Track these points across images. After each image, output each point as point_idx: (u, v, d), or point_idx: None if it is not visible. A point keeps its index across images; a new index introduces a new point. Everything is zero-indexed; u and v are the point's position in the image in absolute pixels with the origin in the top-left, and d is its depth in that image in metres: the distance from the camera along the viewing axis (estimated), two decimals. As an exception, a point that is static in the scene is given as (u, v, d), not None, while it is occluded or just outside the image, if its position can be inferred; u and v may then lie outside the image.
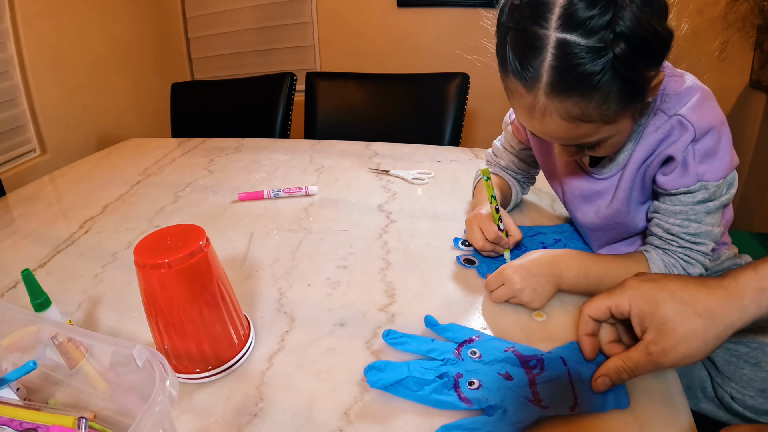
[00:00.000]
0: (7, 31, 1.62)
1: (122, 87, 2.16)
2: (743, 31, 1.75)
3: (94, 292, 0.67)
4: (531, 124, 0.53)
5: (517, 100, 0.52)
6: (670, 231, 0.57)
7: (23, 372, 0.41)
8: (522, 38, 0.48)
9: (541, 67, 0.47)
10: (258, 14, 2.38)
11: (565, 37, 0.45)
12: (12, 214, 0.97)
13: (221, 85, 1.64)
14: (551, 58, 0.46)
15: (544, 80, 0.47)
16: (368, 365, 0.49)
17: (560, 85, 0.47)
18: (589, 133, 0.51)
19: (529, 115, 0.52)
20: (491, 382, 0.47)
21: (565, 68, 0.45)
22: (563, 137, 0.53)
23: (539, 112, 0.50)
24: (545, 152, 0.72)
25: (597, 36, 0.44)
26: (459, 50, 2.06)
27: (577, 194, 0.68)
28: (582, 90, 0.46)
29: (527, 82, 0.49)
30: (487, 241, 0.66)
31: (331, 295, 0.64)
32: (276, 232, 0.81)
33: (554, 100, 0.48)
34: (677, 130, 0.54)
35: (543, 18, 0.46)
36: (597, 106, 0.47)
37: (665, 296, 0.43)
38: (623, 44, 0.44)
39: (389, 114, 1.47)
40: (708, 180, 0.53)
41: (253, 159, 1.16)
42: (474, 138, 2.30)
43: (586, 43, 0.44)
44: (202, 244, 0.47)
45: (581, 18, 0.44)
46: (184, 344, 0.48)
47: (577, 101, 0.47)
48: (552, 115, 0.49)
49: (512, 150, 0.79)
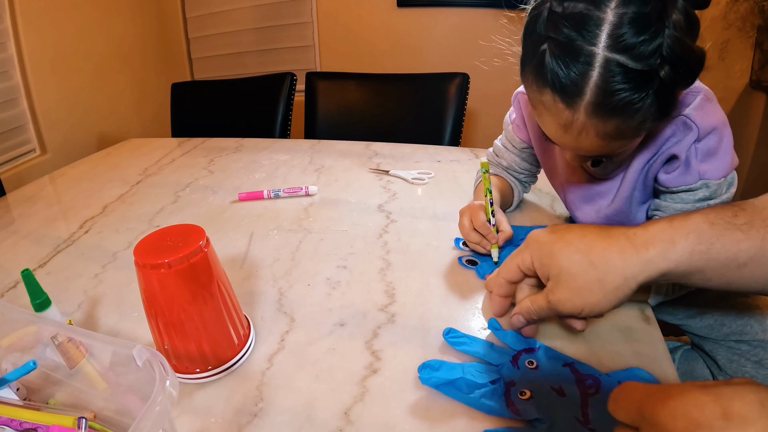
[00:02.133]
0: (7, 31, 1.62)
1: (122, 87, 2.16)
2: (743, 31, 1.75)
3: (94, 292, 0.67)
4: (563, 138, 0.51)
5: (552, 115, 0.50)
6: None
7: (23, 372, 0.41)
8: (566, 51, 0.45)
9: (586, 85, 0.45)
10: (258, 14, 2.38)
11: (615, 58, 0.43)
12: (12, 214, 0.97)
13: (221, 85, 1.64)
14: (597, 78, 0.44)
15: (587, 99, 0.45)
16: (423, 363, 0.49)
17: (604, 106, 0.45)
18: (617, 148, 0.51)
19: (563, 131, 0.50)
20: (543, 395, 0.46)
21: (611, 91, 0.44)
22: (592, 152, 0.52)
23: (576, 129, 0.48)
24: (546, 153, 0.72)
25: (645, 61, 0.43)
26: (459, 50, 2.08)
27: (578, 194, 0.68)
28: (625, 112, 0.45)
29: (568, 99, 0.46)
30: (473, 230, 0.66)
31: (331, 295, 0.64)
32: (276, 232, 0.81)
33: (594, 120, 0.46)
34: (681, 129, 0.54)
35: (591, 33, 0.43)
36: (635, 125, 0.47)
37: (562, 246, 0.43)
38: (668, 69, 0.43)
39: (389, 114, 1.47)
40: (710, 178, 0.54)
41: (253, 159, 1.16)
42: (474, 138, 2.30)
43: (634, 66, 0.43)
44: (202, 244, 0.47)
45: (632, 42, 0.42)
46: (184, 344, 0.48)
47: (617, 123, 0.46)
48: (588, 133, 0.48)
49: (513, 150, 0.79)
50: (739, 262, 0.40)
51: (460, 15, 2.10)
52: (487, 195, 0.64)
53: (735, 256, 0.40)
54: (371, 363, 0.52)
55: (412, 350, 0.53)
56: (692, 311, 0.71)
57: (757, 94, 1.74)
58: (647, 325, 0.55)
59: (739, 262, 0.40)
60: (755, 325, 0.66)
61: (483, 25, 2.06)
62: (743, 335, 0.67)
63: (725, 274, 0.41)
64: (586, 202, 0.67)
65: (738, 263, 0.40)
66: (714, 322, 0.69)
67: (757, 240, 0.40)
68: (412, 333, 0.56)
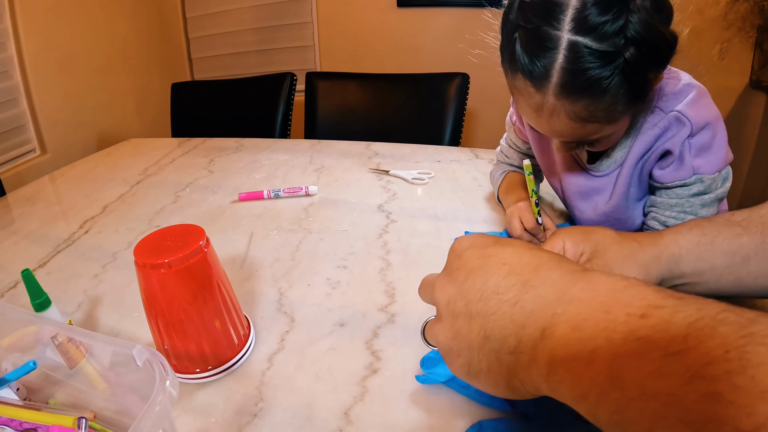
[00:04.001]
0: (7, 31, 1.62)
1: (122, 87, 2.16)
2: (743, 31, 1.75)
3: (94, 292, 0.67)
4: (537, 122, 0.53)
5: (525, 99, 0.52)
6: (666, 224, 0.58)
7: (23, 372, 0.41)
8: (533, 37, 0.48)
9: (552, 68, 0.47)
10: (258, 14, 2.38)
11: (578, 40, 0.45)
12: (12, 214, 0.97)
13: (221, 85, 1.64)
14: (563, 60, 0.46)
15: (554, 81, 0.47)
16: (425, 355, 0.50)
17: (570, 87, 0.47)
18: (593, 132, 0.52)
19: (536, 114, 0.52)
20: None
21: (576, 71, 0.46)
22: (568, 135, 0.54)
23: (547, 111, 0.50)
24: (544, 151, 0.72)
25: (609, 41, 0.44)
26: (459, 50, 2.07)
27: (575, 191, 0.68)
28: (592, 93, 0.47)
29: (537, 82, 0.49)
30: (525, 231, 0.67)
31: (331, 295, 0.64)
32: (276, 232, 0.81)
33: (564, 101, 0.48)
34: (674, 125, 0.55)
35: (555, 18, 0.46)
36: (605, 108, 0.48)
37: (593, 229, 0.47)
38: (633, 50, 0.44)
39: (389, 114, 1.47)
40: (703, 173, 0.55)
41: (253, 159, 1.16)
42: (474, 138, 2.30)
43: (598, 47, 0.44)
44: (202, 244, 0.47)
45: (594, 23, 0.44)
46: (184, 344, 0.48)
47: (586, 103, 0.48)
48: (560, 116, 0.50)
49: (518, 149, 0.80)
50: (743, 254, 0.43)
51: (460, 15, 2.10)
52: (532, 196, 0.65)
53: (738, 249, 0.43)
54: (371, 363, 0.52)
55: (412, 350, 0.53)
56: None
57: (757, 94, 1.74)
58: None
59: (743, 254, 0.43)
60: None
61: (483, 25, 2.06)
62: None
63: (733, 269, 0.43)
64: (582, 199, 0.68)
65: (742, 256, 0.43)
66: None
67: (757, 235, 0.43)
68: (412, 333, 0.56)
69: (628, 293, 0.24)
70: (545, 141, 0.71)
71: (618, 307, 0.23)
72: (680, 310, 0.21)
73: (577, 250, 0.46)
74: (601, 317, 0.24)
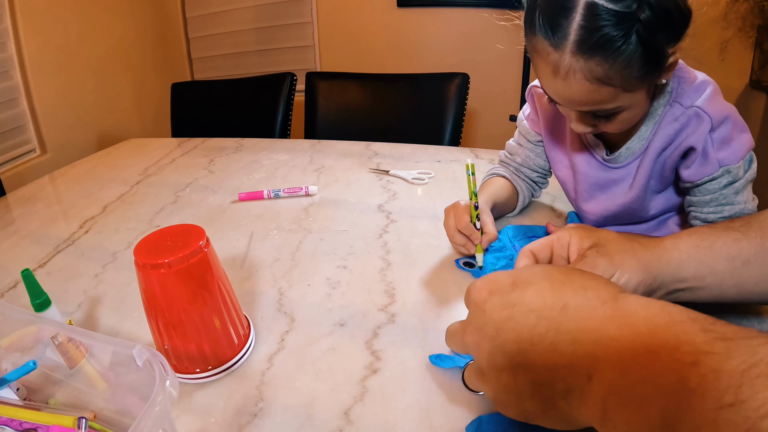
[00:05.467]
0: (7, 31, 1.62)
1: (122, 87, 2.16)
2: (743, 31, 1.75)
3: (94, 292, 0.67)
4: (554, 84, 0.54)
5: (543, 59, 0.54)
6: (707, 220, 0.60)
7: (23, 372, 0.41)
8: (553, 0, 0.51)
9: (570, 27, 0.49)
10: (258, 14, 2.38)
11: (595, 0, 0.47)
12: (12, 214, 0.97)
13: (221, 85, 1.64)
14: (580, 18, 0.48)
15: (572, 39, 0.49)
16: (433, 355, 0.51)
17: (587, 44, 0.49)
18: (608, 98, 0.53)
19: (553, 75, 0.53)
20: None
21: (592, 28, 0.48)
22: (583, 100, 0.54)
23: (564, 71, 0.52)
24: (556, 144, 0.73)
25: (624, 2, 0.47)
26: (459, 50, 2.07)
27: (592, 182, 0.69)
28: (607, 51, 0.49)
29: (555, 41, 0.51)
30: (458, 231, 0.66)
31: (331, 295, 0.64)
32: (276, 232, 0.81)
33: (579, 59, 0.50)
34: (694, 121, 0.56)
35: None
36: (620, 69, 0.50)
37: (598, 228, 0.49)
38: (648, 11, 0.47)
39: (389, 114, 1.47)
40: (729, 164, 0.56)
41: (253, 159, 1.16)
42: (474, 138, 2.30)
43: (614, 7, 0.47)
44: (202, 244, 0.47)
45: None
46: (184, 344, 0.48)
47: (600, 61, 0.49)
48: (576, 75, 0.51)
49: (528, 145, 0.79)
50: (743, 258, 0.43)
51: (460, 15, 2.10)
52: (472, 198, 0.65)
53: (738, 254, 0.43)
54: (371, 363, 0.52)
55: (412, 350, 0.53)
56: None
57: (757, 94, 1.74)
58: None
59: (743, 258, 0.43)
60: (756, 326, 0.67)
61: (483, 25, 2.07)
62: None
63: (734, 273, 0.43)
64: (600, 190, 0.68)
65: (743, 260, 0.43)
66: None
67: (756, 239, 0.43)
68: (412, 333, 0.56)
69: (672, 333, 0.23)
70: (558, 133, 0.72)
71: (664, 351, 0.23)
72: (732, 356, 0.20)
73: (582, 244, 0.47)
74: (646, 362, 0.23)
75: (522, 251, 0.49)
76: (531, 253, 0.49)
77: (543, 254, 0.49)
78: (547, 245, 0.49)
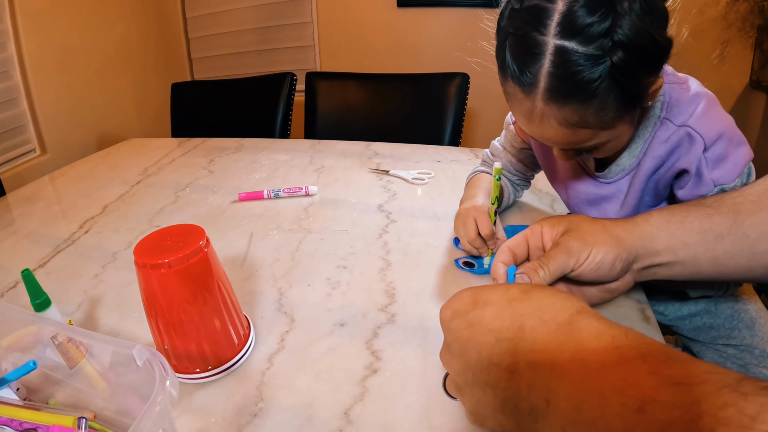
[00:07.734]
0: (7, 31, 1.62)
1: (122, 87, 2.16)
2: (743, 31, 1.75)
3: (94, 292, 0.67)
4: (529, 128, 0.53)
5: (516, 104, 0.52)
6: None
7: (23, 372, 0.41)
8: (521, 44, 0.48)
9: (539, 73, 0.46)
10: (258, 14, 2.38)
11: (564, 44, 0.44)
12: (12, 214, 0.97)
13: (221, 85, 1.64)
14: (549, 65, 0.46)
15: (542, 86, 0.47)
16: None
17: (558, 92, 0.46)
18: (587, 138, 0.51)
19: (527, 120, 0.52)
20: None
21: (562, 75, 0.45)
22: (561, 142, 0.53)
23: (537, 117, 0.50)
24: (547, 155, 0.72)
25: (595, 44, 0.43)
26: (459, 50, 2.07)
27: (582, 198, 0.68)
28: (579, 97, 0.46)
29: (525, 88, 0.48)
30: (478, 237, 0.65)
31: (331, 295, 0.64)
32: (276, 232, 0.81)
33: (552, 106, 0.48)
34: (686, 141, 0.54)
35: (542, 24, 0.45)
36: (594, 113, 0.47)
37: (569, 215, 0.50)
38: (621, 53, 0.43)
39: (389, 114, 1.47)
40: (724, 183, 0.54)
41: (253, 159, 1.16)
42: (474, 138, 2.30)
43: (584, 50, 0.44)
44: (202, 244, 0.47)
45: (580, 25, 0.43)
46: (184, 344, 0.48)
47: (575, 108, 0.47)
48: (550, 121, 0.49)
49: (512, 150, 0.79)
50: (715, 233, 0.43)
51: (460, 15, 2.10)
52: (494, 203, 0.63)
53: (710, 227, 0.44)
54: (371, 363, 0.52)
55: (412, 350, 0.53)
56: (683, 313, 0.71)
57: (757, 94, 1.74)
58: (647, 325, 0.55)
59: (715, 233, 0.43)
60: (743, 330, 0.67)
61: (483, 25, 2.06)
62: (730, 339, 0.67)
63: (708, 247, 0.44)
64: (590, 206, 0.67)
65: (715, 234, 0.43)
66: (703, 325, 0.70)
67: (728, 215, 0.43)
68: (412, 333, 0.56)
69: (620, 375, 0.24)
70: (547, 147, 0.71)
71: (612, 394, 0.23)
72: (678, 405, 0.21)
73: (553, 231, 0.48)
74: (596, 403, 0.24)
75: (501, 247, 0.49)
76: (509, 249, 0.49)
77: (519, 250, 0.49)
78: (522, 240, 0.49)
